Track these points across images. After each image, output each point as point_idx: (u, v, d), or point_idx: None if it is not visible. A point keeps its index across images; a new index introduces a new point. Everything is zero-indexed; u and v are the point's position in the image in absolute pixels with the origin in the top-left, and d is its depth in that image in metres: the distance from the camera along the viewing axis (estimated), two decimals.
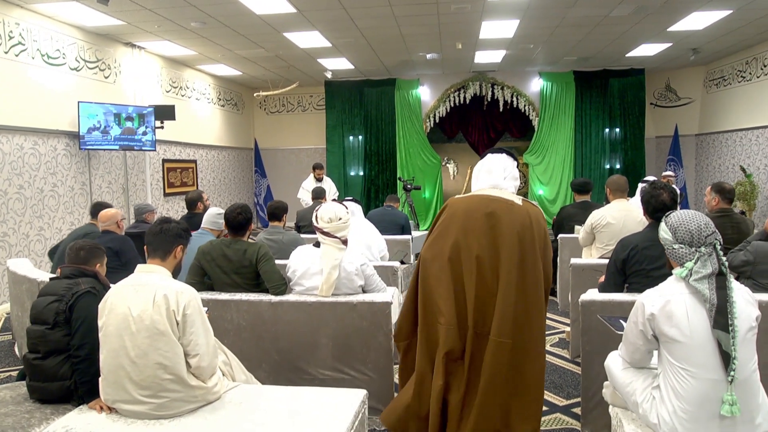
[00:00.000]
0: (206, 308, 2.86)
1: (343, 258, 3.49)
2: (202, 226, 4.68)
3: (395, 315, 3.74)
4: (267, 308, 3.50)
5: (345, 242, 3.50)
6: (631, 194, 5.13)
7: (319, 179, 9.23)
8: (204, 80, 11.53)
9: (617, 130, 12.39)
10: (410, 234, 6.20)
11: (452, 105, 12.60)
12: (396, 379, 3.96)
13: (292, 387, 2.88)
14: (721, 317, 2.08)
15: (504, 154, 3.03)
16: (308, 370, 3.50)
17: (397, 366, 4.34)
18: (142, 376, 2.45)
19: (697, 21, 8.32)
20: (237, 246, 3.66)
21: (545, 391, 3.99)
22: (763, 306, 3.04)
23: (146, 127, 8.42)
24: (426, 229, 10.19)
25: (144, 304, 2.47)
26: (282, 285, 3.57)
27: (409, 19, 8.00)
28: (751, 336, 2.14)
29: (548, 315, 5.91)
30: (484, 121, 13.17)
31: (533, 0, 7.24)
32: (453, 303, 2.78)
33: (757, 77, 10.18)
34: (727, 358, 2.06)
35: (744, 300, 2.16)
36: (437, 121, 12.75)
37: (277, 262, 3.94)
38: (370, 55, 10.41)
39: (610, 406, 2.56)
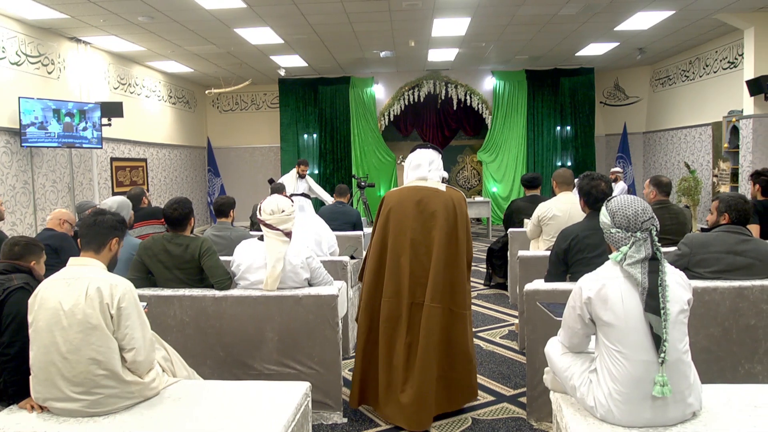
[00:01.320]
0: (145, 304, 2.78)
1: (288, 251, 3.45)
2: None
3: (342, 309, 3.72)
4: (211, 303, 3.44)
5: (288, 235, 3.46)
6: None
7: (302, 176, 9.16)
8: (154, 77, 11.29)
9: (568, 128, 12.63)
10: (362, 230, 6.18)
11: (407, 103, 12.65)
12: (344, 373, 3.96)
13: (234, 381, 2.83)
14: (652, 300, 2.12)
15: (430, 149, 3.55)
16: (254, 366, 3.44)
17: (347, 360, 4.34)
18: (74, 372, 2.37)
19: (642, 21, 8.54)
20: (179, 241, 3.58)
21: (493, 382, 4.05)
22: (698, 292, 3.14)
23: (87, 124, 8.16)
24: None
25: (76, 297, 2.39)
26: (226, 280, 3.51)
27: (361, 16, 7.99)
28: (683, 318, 2.18)
29: (499, 308, 5.99)
30: (438, 120, 13.27)
31: None
32: (393, 279, 3.35)
33: (700, 77, 10.51)
34: (658, 340, 2.10)
35: (676, 283, 2.20)
36: (392, 119, 12.79)
37: (226, 258, 3.88)
38: (323, 53, 10.36)
39: (551, 392, 2.59)
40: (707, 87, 10.28)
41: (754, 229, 4.40)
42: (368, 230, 6.99)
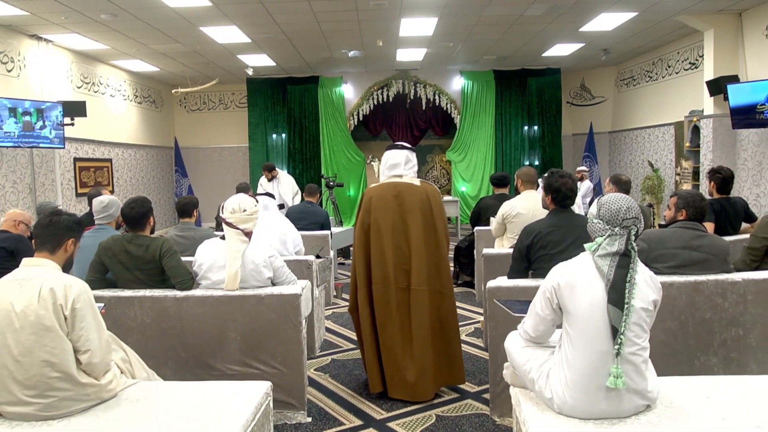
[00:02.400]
0: (102, 305, 2.74)
1: (250, 250, 3.43)
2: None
3: (307, 308, 3.71)
4: (172, 304, 3.39)
5: (248, 235, 3.44)
6: None
7: (269, 179, 9.15)
8: (119, 76, 11.11)
9: (536, 127, 12.76)
10: (330, 230, 6.17)
11: (376, 103, 12.66)
12: (309, 372, 3.95)
13: (194, 382, 2.80)
14: (615, 293, 2.16)
15: (406, 150, 3.87)
16: (216, 366, 3.41)
17: (313, 360, 4.33)
18: (27, 375, 2.32)
19: (606, 22, 8.67)
20: (139, 241, 3.53)
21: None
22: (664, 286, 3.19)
23: (46, 123, 7.96)
24: (351, 226, 10.18)
25: (29, 298, 2.34)
26: (188, 280, 3.47)
27: (328, 15, 7.97)
28: (645, 316, 2.22)
29: (466, 306, 6.02)
30: (407, 119, 13.30)
31: None
32: (379, 266, 3.70)
33: (663, 77, 10.71)
34: (615, 333, 2.14)
35: (645, 282, 2.24)
36: (361, 119, 12.79)
37: (190, 258, 3.83)
38: (291, 52, 10.31)
39: (511, 387, 2.62)
40: (670, 87, 10.49)
41: (710, 226, 4.51)
42: (336, 230, 7.00)
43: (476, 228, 6.01)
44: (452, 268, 7.15)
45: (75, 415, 2.40)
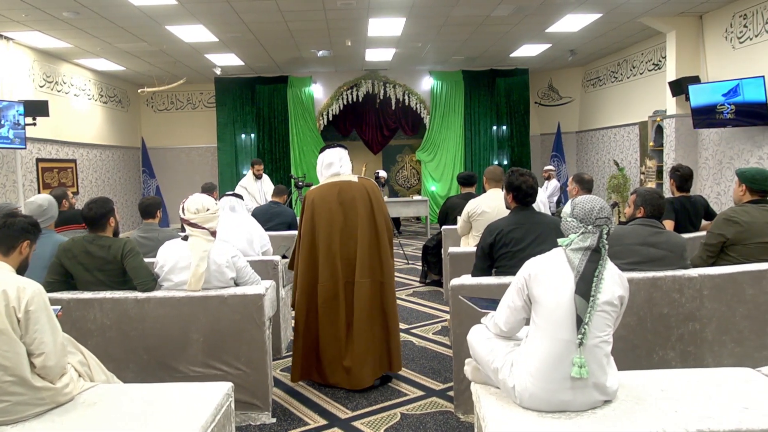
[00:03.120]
0: (59, 308, 2.69)
1: (213, 250, 3.40)
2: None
3: (272, 308, 3.69)
4: (133, 306, 3.35)
5: (213, 234, 3.41)
6: None
7: (258, 176, 8.99)
8: (83, 75, 10.92)
9: (504, 127, 12.88)
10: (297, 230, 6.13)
11: (345, 103, 12.64)
12: (275, 373, 3.94)
13: (154, 384, 2.76)
14: (583, 284, 2.24)
15: (337, 148, 4.05)
16: (179, 368, 3.37)
17: (279, 360, 4.31)
18: None
19: (572, 23, 8.79)
20: (101, 242, 3.47)
21: (423, 377, 4.09)
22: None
23: (3, 122, 7.77)
24: None
25: None
26: (150, 281, 3.42)
27: (296, 14, 7.94)
28: (609, 310, 2.27)
29: (433, 305, 6.06)
30: (377, 119, 13.32)
31: None
32: (327, 264, 3.82)
33: (628, 78, 10.90)
34: (579, 322, 2.19)
35: (612, 278, 2.31)
36: (331, 119, 12.76)
37: (152, 260, 3.78)
38: (259, 52, 10.24)
39: (472, 383, 2.64)
40: (634, 88, 10.67)
41: (669, 224, 4.60)
42: None
43: (443, 227, 6.04)
44: (420, 267, 7.18)
45: (29, 419, 2.36)
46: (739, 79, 7.24)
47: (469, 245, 4.88)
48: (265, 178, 9.32)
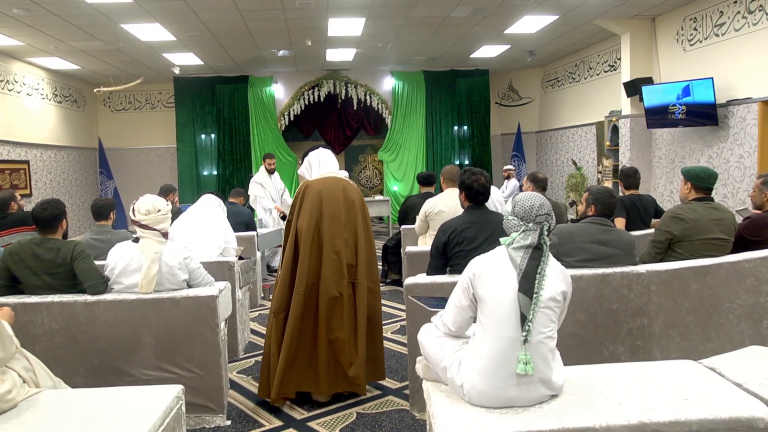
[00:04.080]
0: None
1: (165, 252, 3.35)
2: None
3: (227, 310, 3.65)
4: (82, 309, 3.28)
5: (165, 235, 3.37)
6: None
7: (270, 170, 8.52)
8: (36, 74, 10.64)
9: (465, 127, 12.99)
10: (255, 231, 6.10)
11: (307, 103, 12.58)
12: (231, 375, 3.89)
13: (102, 389, 2.71)
14: (526, 282, 2.27)
15: (329, 150, 3.92)
16: (130, 372, 3.32)
17: (235, 363, 4.28)
18: None
19: (529, 25, 8.91)
20: (49, 245, 3.40)
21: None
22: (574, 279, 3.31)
23: None
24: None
25: None
26: (100, 284, 3.36)
27: (254, 14, 7.88)
28: (553, 306, 2.31)
29: (393, 304, 6.07)
30: (339, 120, 13.30)
31: None
32: (331, 263, 3.59)
33: (585, 78, 11.10)
34: (523, 320, 2.23)
35: (554, 274, 2.34)
36: (292, 119, 12.68)
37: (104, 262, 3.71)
38: (219, 51, 10.13)
39: (423, 381, 2.66)
40: (591, 88, 10.88)
41: (620, 222, 4.71)
42: (264, 230, 6.93)
43: (403, 226, 6.07)
44: (381, 267, 7.20)
45: None
46: (689, 80, 7.44)
47: (426, 244, 4.91)
48: (276, 173, 8.77)
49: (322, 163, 3.82)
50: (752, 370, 2.52)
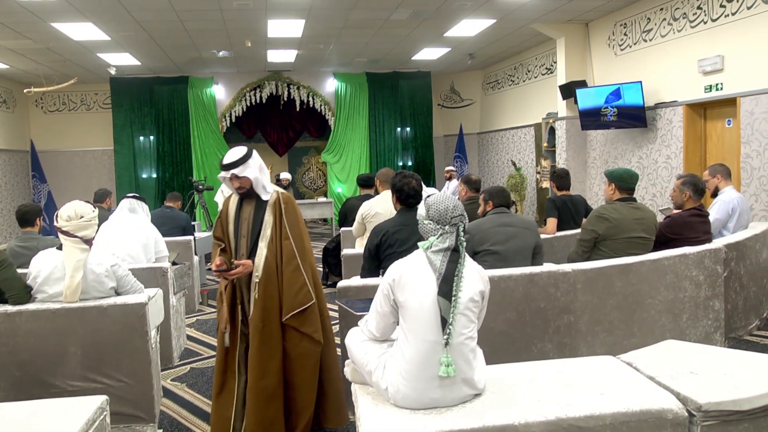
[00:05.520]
0: None
1: (90, 259, 3.27)
2: None
3: (158, 317, 3.59)
4: (2, 320, 3.16)
5: (88, 242, 3.28)
6: None
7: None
8: None
9: (408, 129, 13.10)
10: (192, 235, 6.01)
11: (249, 104, 12.45)
12: (164, 383, 3.83)
13: (23, 402, 2.63)
14: (446, 285, 2.29)
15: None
16: (55, 383, 3.22)
17: (169, 370, 4.22)
18: None
19: (468, 28, 9.06)
20: None
21: None
22: (495, 280, 3.39)
23: None
24: None
25: None
26: (23, 294, 3.25)
27: (191, 14, 7.75)
28: (472, 306, 2.35)
29: (333, 306, 6.06)
30: (282, 121, 13.23)
31: (315, 0, 7.37)
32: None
33: (524, 81, 11.36)
34: (444, 323, 2.26)
35: (471, 275, 2.38)
36: (234, 120, 12.52)
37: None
38: (156, 51, 9.92)
39: (352, 384, 2.68)
40: (529, 91, 11.14)
41: (552, 222, 4.85)
42: (200, 235, 6.82)
43: (342, 228, 6.08)
44: (321, 270, 7.19)
45: None
46: (620, 83, 7.70)
47: (363, 247, 4.94)
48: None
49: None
50: (665, 364, 2.63)
